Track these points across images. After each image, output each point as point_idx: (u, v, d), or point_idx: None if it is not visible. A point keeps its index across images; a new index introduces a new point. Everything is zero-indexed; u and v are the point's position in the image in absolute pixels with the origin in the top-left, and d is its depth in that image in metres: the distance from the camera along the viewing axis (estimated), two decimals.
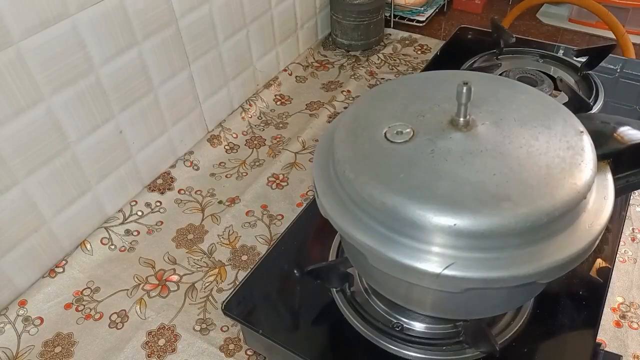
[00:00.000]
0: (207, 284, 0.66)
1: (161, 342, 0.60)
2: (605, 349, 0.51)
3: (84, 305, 0.64)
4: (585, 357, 0.48)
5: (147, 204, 0.75)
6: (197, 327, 0.61)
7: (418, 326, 0.50)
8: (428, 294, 0.41)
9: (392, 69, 1.02)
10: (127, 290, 0.66)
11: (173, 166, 0.80)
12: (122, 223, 0.73)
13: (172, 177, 0.79)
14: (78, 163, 0.66)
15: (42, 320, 0.63)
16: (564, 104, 0.73)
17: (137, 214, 0.74)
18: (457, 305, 0.42)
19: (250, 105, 0.91)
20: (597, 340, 0.50)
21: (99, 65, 0.64)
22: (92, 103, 0.65)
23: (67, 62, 0.60)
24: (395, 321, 0.50)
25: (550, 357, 0.48)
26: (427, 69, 0.86)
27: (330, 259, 0.55)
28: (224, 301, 0.53)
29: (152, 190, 0.77)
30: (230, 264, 0.68)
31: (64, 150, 0.64)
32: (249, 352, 0.58)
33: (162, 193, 0.77)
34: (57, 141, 0.63)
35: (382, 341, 0.48)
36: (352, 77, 0.99)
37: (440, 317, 0.47)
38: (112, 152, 0.71)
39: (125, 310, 0.64)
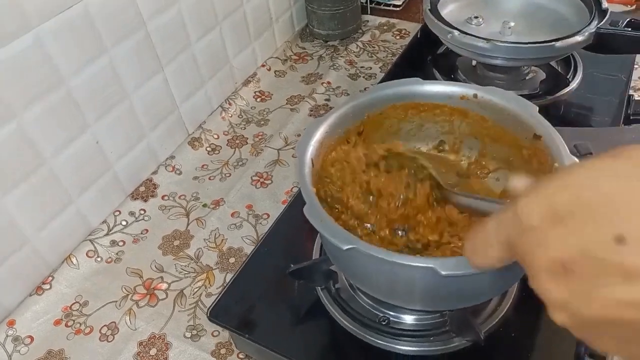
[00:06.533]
0: (195, 290, 0.66)
1: (153, 351, 0.60)
2: None
3: (74, 320, 0.64)
4: (573, 338, 0.48)
5: (131, 213, 0.75)
6: (188, 334, 0.61)
7: (404, 318, 0.49)
8: (411, 287, 0.41)
9: (372, 57, 1.00)
10: (116, 301, 0.65)
11: (155, 172, 0.79)
12: (107, 234, 0.72)
13: (154, 184, 0.78)
14: (56, 178, 0.65)
15: (32, 339, 0.62)
16: (541, 82, 0.73)
17: (121, 223, 0.73)
18: (439, 298, 0.42)
19: (229, 104, 0.90)
20: None
21: (68, 76, 0.63)
22: (65, 115, 0.64)
23: (34, 77, 0.59)
24: (382, 315, 0.50)
25: (539, 340, 0.48)
26: (405, 54, 0.85)
27: (313, 257, 0.54)
28: (208, 308, 0.53)
29: (135, 199, 0.76)
30: (218, 268, 0.68)
31: (40, 166, 0.63)
32: (240, 356, 0.58)
33: (145, 201, 0.76)
34: (31, 157, 0.62)
35: (369, 336, 0.48)
36: (332, 67, 0.98)
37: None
38: (91, 163, 0.70)
39: (115, 322, 0.63)
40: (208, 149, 0.85)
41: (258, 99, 0.93)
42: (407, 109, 0.53)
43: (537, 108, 0.47)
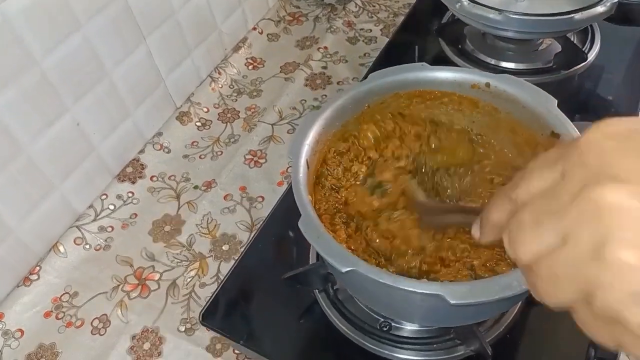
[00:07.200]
0: (188, 280, 0.63)
1: (146, 346, 0.58)
2: None
3: (64, 313, 0.62)
4: (584, 342, 0.46)
5: (119, 196, 0.71)
6: (182, 328, 0.59)
7: (406, 324, 0.47)
8: (415, 309, 0.38)
9: (372, 17, 0.93)
10: (107, 292, 0.63)
11: (142, 151, 0.75)
12: (95, 220, 0.69)
13: (142, 164, 0.74)
14: (35, 165, 0.61)
15: (22, 332, 0.60)
16: (556, 54, 0.67)
17: (109, 208, 0.70)
18: (444, 318, 0.39)
19: (219, 73, 0.85)
20: None
21: (41, 57, 0.57)
22: (40, 99, 0.59)
23: (3, 59, 0.54)
24: (383, 320, 0.47)
25: (547, 346, 0.46)
26: (407, 20, 0.79)
27: (311, 258, 0.51)
28: (200, 311, 0.51)
29: (122, 181, 0.72)
30: (212, 256, 0.65)
31: (16, 154, 0.58)
32: (236, 351, 0.56)
33: (133, 182, 0.72)
34: (7, 146, 0.57)
35: (368, 343, 0.46)
36: (329, 30, 0.91)
37: None
38: (72, 147, 0.65)
39: (106, 314, 0.61)
40: (198, 123, 0.80)
41: (250, 67, 0.88)
42: (412, 97, 0.49)
43: (556, 102, 0.43)
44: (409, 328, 0.47)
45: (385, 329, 0.47)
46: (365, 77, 0.49)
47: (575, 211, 0.20)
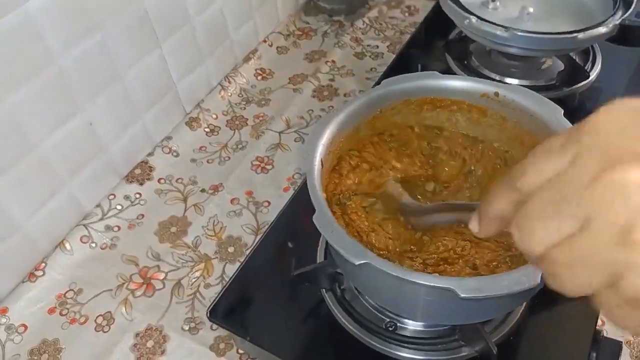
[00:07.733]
0: (193, 280, 0.64)
1: (150, 344, 0.59)
2: (606, 335, 0.49)
3: (68, 309, 0.62)
4: (586, 345, 0.47)
5: (126, 197, 0.72)
6: (186, 327, 0.59)
7: (412, 324, 0.48)
8: (423, 304, 0.39)
9: (379, 34, 0.96)
10: (111, 290, 0.63)
11: (151, 154, 0.76)
12: (102, 219, 0.69)
13: (150, 166, 0.75)
14: (46, 162, 0.62)
15: (25, 327, 0.60)
16: (559, 72, 0.70)
17: (116, 208, 0.71)
18: (451, 314, 0.40)
19: (229, 82, 0.86)
20: (597, 328, 0.49)
21: (59, 55, 0.59)
22: (55, 97, 0.60)
23: (24, 56, 0.55)
24: (389, 320, 0.48)
25: (550, 348, 0.47)
26: (415, 36, 0.81)
27: (318, 259, 0.52)
28: (208, 307, 0.51)
29: (130, 182, 0.73)
30: (217, 257, 0.66)
31: (28, 151, 0.59)
32: (240, 351, 0.57)
33: (141, 184, 0.73)
34: (19, 143, 0.58)
35: (375, 343, 0.47)
36: (337, 45, 0.94)
37: None
38: (83, 146, 0.66)
39: (110, 312, 0.61)
40: (206, 129, 0.81)
41: (259, 77, 0.89)
42: (422, 104, 0.50)
43: (562, 111, 0.44)
44: (414, 328, 0.48)
45: (391, 328, 0.47)
46: (377, 84, 0.51)
47: (595, 195, 0.19)
